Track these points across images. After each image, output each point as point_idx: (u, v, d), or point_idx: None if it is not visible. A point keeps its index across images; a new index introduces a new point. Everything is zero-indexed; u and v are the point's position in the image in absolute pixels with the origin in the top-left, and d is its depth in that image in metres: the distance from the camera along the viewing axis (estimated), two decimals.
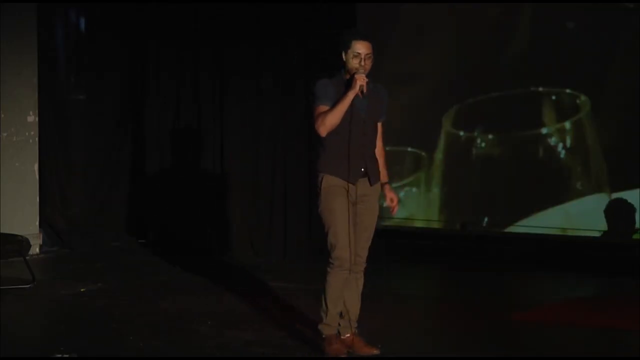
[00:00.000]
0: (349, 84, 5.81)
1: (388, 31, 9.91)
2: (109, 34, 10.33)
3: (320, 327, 6.00)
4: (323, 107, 5.83)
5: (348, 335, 6.03)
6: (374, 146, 6.00)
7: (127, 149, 10.55)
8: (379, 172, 6.01)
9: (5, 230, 9.04)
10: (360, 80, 5.76)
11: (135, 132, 10.54)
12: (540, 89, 9.39)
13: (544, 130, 9.39)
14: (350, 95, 5.76)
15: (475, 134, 9.67)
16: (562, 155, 9.34)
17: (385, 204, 6.09)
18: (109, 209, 10.45)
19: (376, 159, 6.00)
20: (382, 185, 6.05)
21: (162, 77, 10.22)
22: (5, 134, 9.56)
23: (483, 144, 9.66)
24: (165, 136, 10.23)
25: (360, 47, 5.81)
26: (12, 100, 9.57)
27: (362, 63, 5.80)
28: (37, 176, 9.80)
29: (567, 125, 9.31)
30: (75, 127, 10.29)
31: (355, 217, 5.91)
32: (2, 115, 9.53)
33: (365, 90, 5.78)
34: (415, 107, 9.87)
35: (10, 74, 9.53)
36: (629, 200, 9.05)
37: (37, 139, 9.79)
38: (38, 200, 9.81)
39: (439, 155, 9.86)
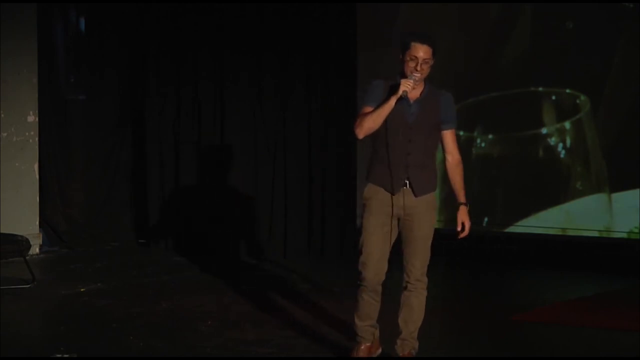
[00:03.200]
0: (396, 88, 5.48)
1: (388, 31, 9.90)
2: (108, 34, 10.33)
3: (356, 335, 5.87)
4: (367, 108, 5.51)
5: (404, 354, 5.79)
6: (426, 155, 5.68)
7: (127, 149, 10.54)
8: (429, 183, 5.69)
9: (5, 230, 9.03)
10: (404, 86, 5.43)
11: (135, 132, 10.54)
12: (540, 89, 9.38)
13: (544, 130, 9.39)
14: (392, 100, 5.43)
15: (475, 134, 9.66)
16: (562, 155, 9.34)
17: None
18: (109, 209, 10.44)
19: (425, 169, 5.66)
20: (459, 205, 5.75)
21: (162, 77, 10.21)
22: (5, 134, 9.55)
23: (483, 144, 9.65)
24: (165, 136, 10.22)
25: (419, 51, 5.48)
26: (12, 100, 9.57)
27: (418, 67, 5.48)
28: (37, 176, 9.80)
29: (567, 125, 9.31)
30: (75, 127, 10.29)
31: (405, 231, 5.68)
32: (2, 115, 9.53)
33: (406, 96, 5.45)
34: None
35: (10, 73, 9.53)
36: (629, 200, 9.04)
37: (37, 139, 9.78)
38: (38, 200, 9.81)
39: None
